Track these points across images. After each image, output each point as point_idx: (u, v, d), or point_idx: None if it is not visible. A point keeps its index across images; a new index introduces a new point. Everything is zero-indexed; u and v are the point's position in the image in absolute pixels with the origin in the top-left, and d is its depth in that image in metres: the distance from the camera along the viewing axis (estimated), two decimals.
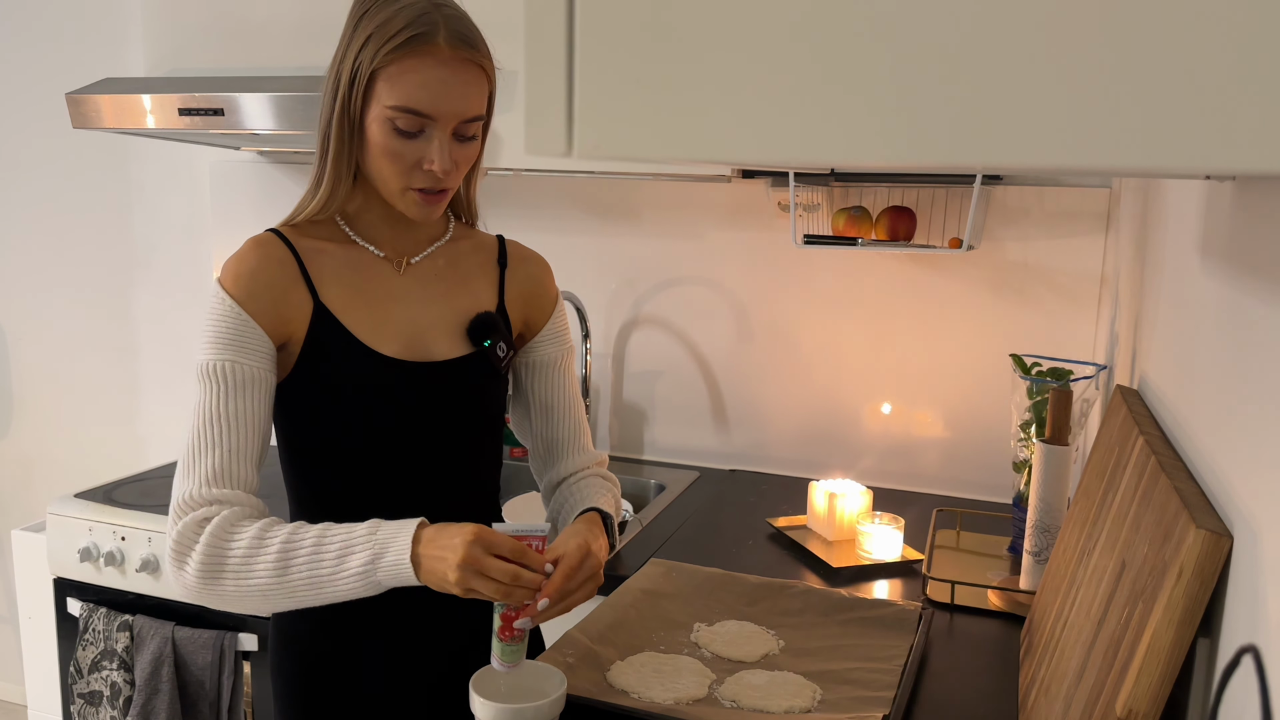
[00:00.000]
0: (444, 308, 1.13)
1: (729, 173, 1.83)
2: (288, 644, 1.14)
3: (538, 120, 0.49)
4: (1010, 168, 0.44)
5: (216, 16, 1.87)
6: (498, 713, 0.94)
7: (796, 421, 2.05)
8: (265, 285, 1.05)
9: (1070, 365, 1.53)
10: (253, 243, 1.07)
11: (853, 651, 1.19)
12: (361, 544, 0.95)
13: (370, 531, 0.96)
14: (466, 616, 1.14)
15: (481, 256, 1.20)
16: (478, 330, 1.13)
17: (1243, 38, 0.39)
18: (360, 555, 0.95)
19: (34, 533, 1.94)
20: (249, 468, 1.02)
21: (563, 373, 1.24)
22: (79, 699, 1.80)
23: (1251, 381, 0.71)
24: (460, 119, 1.03)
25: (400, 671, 1.13)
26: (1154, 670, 0.68)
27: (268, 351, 1.04)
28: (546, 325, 1.23)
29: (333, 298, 1.08)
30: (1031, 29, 0.41)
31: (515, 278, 1.21)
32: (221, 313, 1.03)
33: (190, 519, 0.98)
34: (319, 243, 1.10)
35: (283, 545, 0.96)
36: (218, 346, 1.02)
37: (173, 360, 2.51)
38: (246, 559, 0.96)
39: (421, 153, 1.03)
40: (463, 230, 1.21)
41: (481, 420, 1.16)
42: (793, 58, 0.45)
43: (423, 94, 1.00)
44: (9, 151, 2.56)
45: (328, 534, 0.97)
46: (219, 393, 1.01)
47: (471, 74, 1.03)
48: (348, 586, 0.95)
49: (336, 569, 0.95)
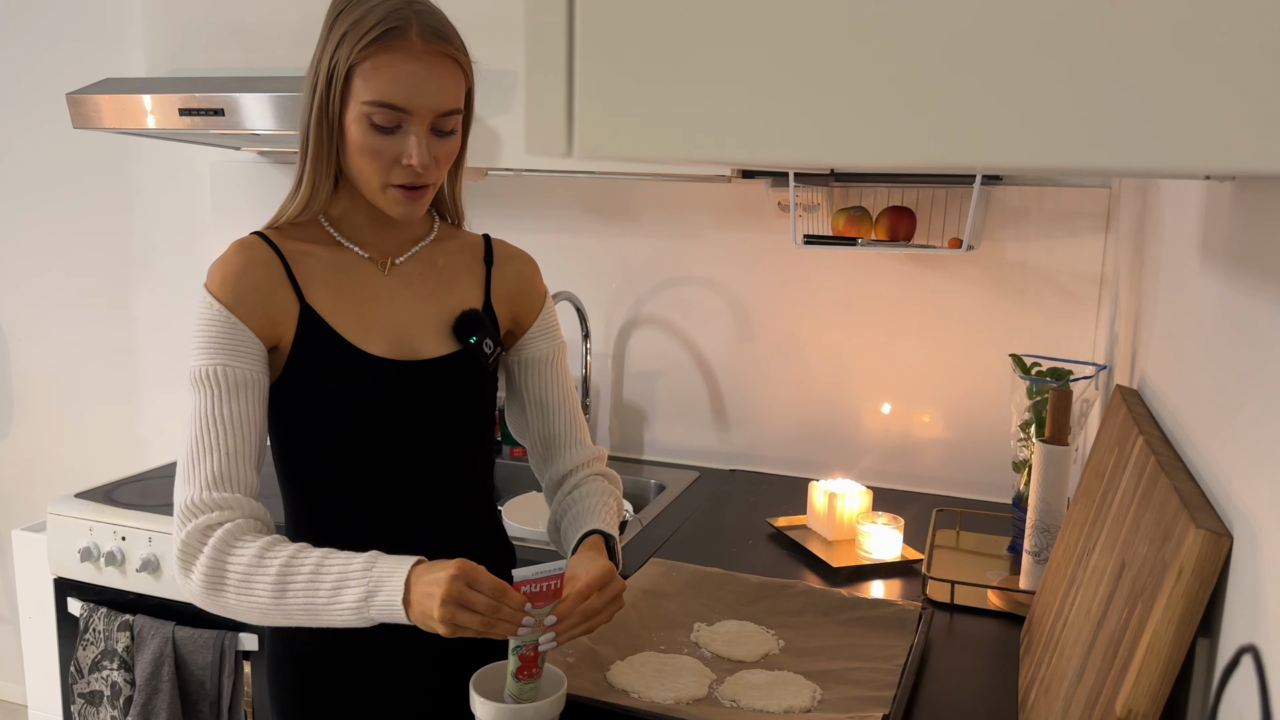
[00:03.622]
0: (430, 307, 1.14)
1: (729, 173, 1.83)
2: (285, 644, 1.14)
3: (538, 120, 0.49)
4: (1010, 168, 0.44)
5: (216, 16, 1.87)
6: (498, 713, 0.94)
7: (796, 421, 2.05)
8: (251, 287, 1.05)
9: (1070, 365, 1.53)
10: (237, 246, 1.07)
11: (853, 651, 1.19)
12: (357, 578, 0.94)
13: (367, 566, 0.95)
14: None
15: (467, 256, 1.20)
16: (463, 327, 1.14)
17: (1243, 38, 0.39)
18: (355, 590, 0.94)
19: (34, 533, 1.94)
20: (248, 470, 1.02)
21: (555, 368, 1.24)
22: (79, 699, 1.80)
23: (1251, 381, 0.71)
24: (436, 112, 1.03)
25: (397, 673, 1.13)
26: (1154, 670, 0.68)
27: (259, 353, 1.05)
28: (536, 321, 1.23)
29: (319, 299, 1.08)
30: (1031, 29, 0.41)
31: (501, 276, 1.21)
32: (210, 317, 1.03)
33: (194, 526, 0.98)
34: (304, 245, 1.10)
35: (281, 569, 0.96)
36: (209, 351, 1.02)
37: (173, 360, 2.51)
38: (247, 577, 0.96)
39: (399, 149, 1.03)
40: (448, 230, 1.21)
41: (471, 417, 1.16)
42: (792, 58, 0.45)
43: (397, 88, 1.01)
44: (9, 151, 2.56)
45: (326, 562, 0.96)
46: (213, 397, 1.01)
47: (446, 67, 1.03)
48: (341, 618, 0.95)
49: (331, 600, 0.95)
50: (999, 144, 0.43)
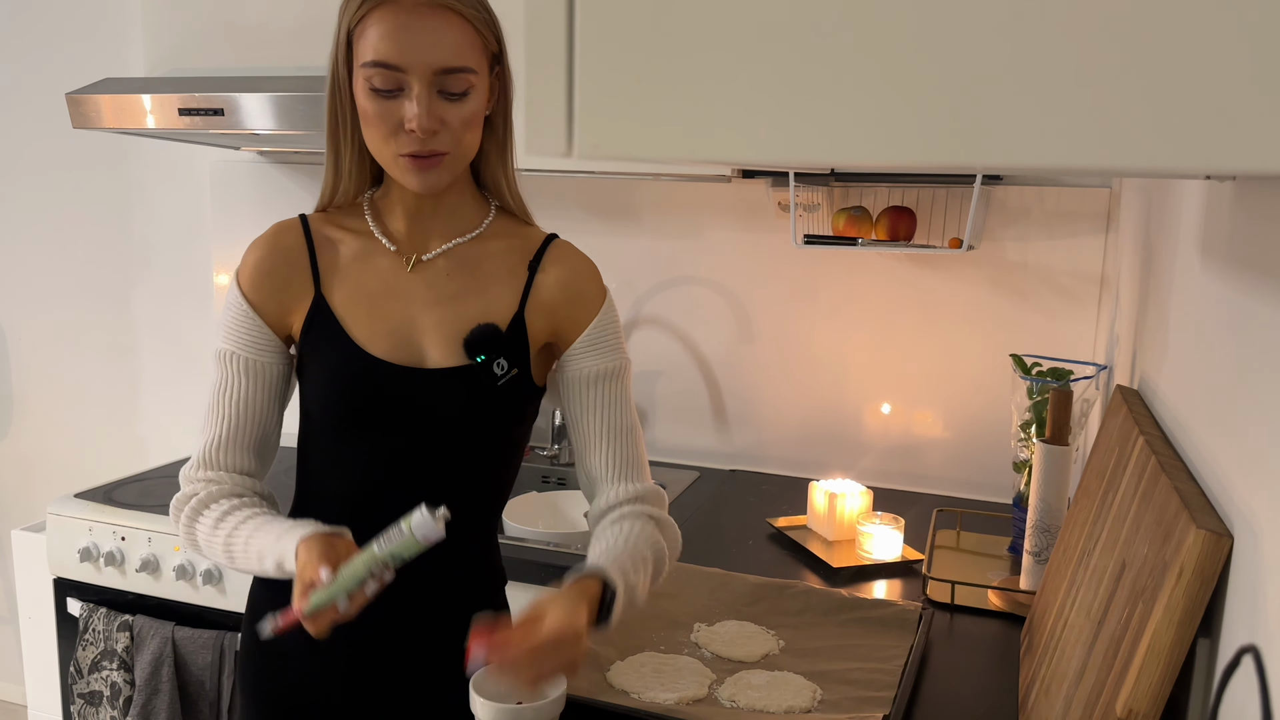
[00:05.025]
0: (448, 311, 1.06)
1: (729, 173, 1.83)
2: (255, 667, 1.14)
3: (538, 120, 0.49)
4: (1010, 168, 0.44)
5: (216, 16, 1.87)
6: (497, 713, 0.94)
7: (797, 421, 2.05)
8: (267, 274, 1.06)
9: (1070, 365, 1.53)
10: (273, 229, 1.09)
11: (853, 651, 1.19)
12: (270, 553, 0.99)
13: (276, 539, 0.98)
14: (436, 636, 1.10)
15: (514, 258, 1.09)
16: (474, 344, 1.04)
17: (1243, 38, 0.39)
18: (270, 561, 0.99)
19: (34, 533, 1.94)
20: (241, 453, 1.07)
21: (604, 392, 1.08)
22: (79, 699, 1.80)
23: (1251, 381, 0.71)
24: (434, 69, 0.96)
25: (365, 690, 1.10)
26: (1154, 670, 0.68)
27: (270, 344, 1.06)
28: (583, 335, 1.08)
29: (335, 290, 1.06)
30: (1031, 29, 0.41)
31: (544, 283, 1.08)
32: (230, 302, 1.08)
33: (180, 495, 1.07)
34: (339, 232, 1.09)
35: (227, 538, 1.02)
36: (227, 335, 1.07)
37: (173, 360, 2.51)
38: (208, 541, 1.04)
39: (402, 113, 0.98)
40: (504, 226, 1.11)
41: (471, 439, 1.06)
42: (792, 57, 0.45)
43: (388, 44, 0.96)
44: (9, 151, 2.56)
45: (259, 533, 1.01)
46: (223, 379, 1.07)
47: (442, 19, 0.97)
48: (271, 577, 1.00)
49: (261, 566, 1.00)
50: (999, 144, 0.43)
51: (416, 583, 1.04)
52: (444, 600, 1.10)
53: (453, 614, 1.10)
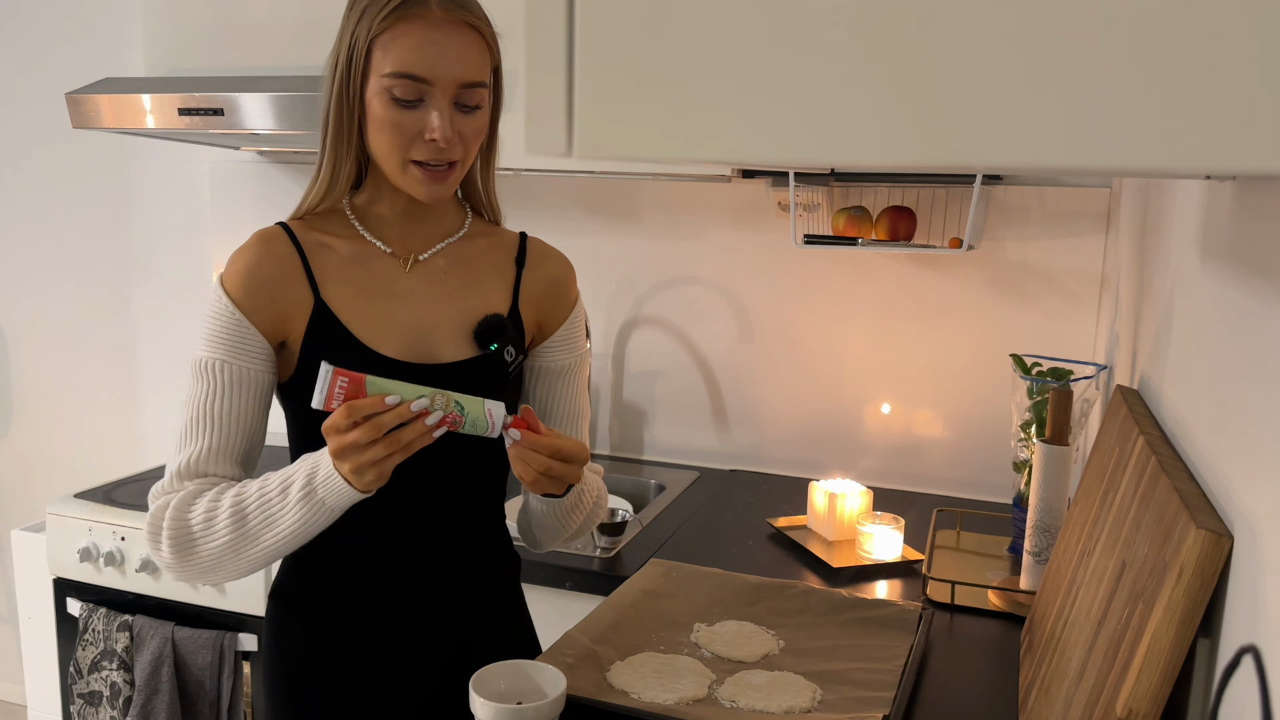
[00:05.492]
0: (451, 308, 1.10)
1: (729, 173, 1.83)
2: (281, 653, 1.13)
3: (538, 120, 0.49)
4: (1010, 168, 0.44)
5: (216, 16, 1.87)
6: (497, 713, 0.94)
7: (797, 421, 2.05)
8: (261, 282, 1.04)
9: (1070, 365, 1.53)
10: (256, 237, 1.06)
11: (853, 652, 1.19)
12: (297, 472, 0.98)
13: (302, 460, 0.99)
14: (457, 626, 1.13)
15: (499, 255, 1.15)
16: (485, 334, 1.09)
17: (1243, 38, 0.39)
18: (298, 481, 0.97)
19: (34, 533, 1.94)
20: (226, 463, 1.04)
21: (569, 382, 1.19)
22: (79, 699, 1.80)
23: (1251, 381, 0.71)
24: (458, 83, 1.00)
25: (394, 682, 1.12)
26: (1154, 670, 0.67)
27: (262, 352, 1.04)
28: (559, 330, 1.18)
29: (334, 295, 1.06)
30: (1031, 29, 0.41)
31: (532, 278, 1.16)
32: (218, 310, 1.04)
33: (158, 505, 1.03)
34: (326, 237, 1.08)
35: (234, 499, 1.00)
36: (212, 344, 1.03)
37: (172, 360, 2.51)
38: (208, 523, 1.00)
39: (422, 123, 1.00)
40: (481, 227, 1.16)
41: None
42: (792, 57, 0.45)
43: (416, 57, 0.98)
44: (9, 151, 2.56)
45: (270, 477, 1.00)
46: (208, 390, 1.03)
47: (467, 36, 1.00)
48: (299, 515, 0.97)
49: (283, 500, 0.98)
50: (999, 144, 0.43)
51: (434, 564, 1.11)
52: (462, 581, 1.14)
53: (470, 595, 1.15)
